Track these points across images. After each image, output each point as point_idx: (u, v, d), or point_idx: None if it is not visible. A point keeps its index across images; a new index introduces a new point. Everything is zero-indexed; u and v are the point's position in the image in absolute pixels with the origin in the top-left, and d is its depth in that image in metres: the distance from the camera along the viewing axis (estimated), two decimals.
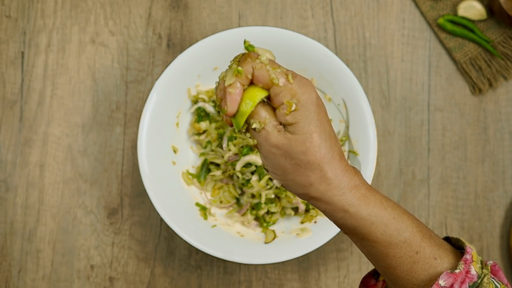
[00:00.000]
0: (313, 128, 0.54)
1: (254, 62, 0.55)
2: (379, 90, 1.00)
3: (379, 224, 0.56)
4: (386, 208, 0.56)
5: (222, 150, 0.95)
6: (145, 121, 0.91)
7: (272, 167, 0.56)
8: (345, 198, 0.55)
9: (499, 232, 0.99)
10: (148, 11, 1.02)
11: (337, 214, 0.56)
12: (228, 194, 0.96)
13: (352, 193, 0.56)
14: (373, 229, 0.56)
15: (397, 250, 0.56)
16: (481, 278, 0.55)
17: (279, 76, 0.54)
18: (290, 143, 0.54)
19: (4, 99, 1.01)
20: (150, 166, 0.91)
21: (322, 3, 1.01)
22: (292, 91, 0.54)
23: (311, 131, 0.54)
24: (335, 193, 0.55)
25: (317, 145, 0.54)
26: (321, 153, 0.54)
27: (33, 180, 0.99)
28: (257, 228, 0.95)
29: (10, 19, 1.02)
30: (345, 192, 0.56)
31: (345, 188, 0.56)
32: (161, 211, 0.90)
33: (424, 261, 0.56)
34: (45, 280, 0.98)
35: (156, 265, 0.98)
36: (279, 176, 0.57)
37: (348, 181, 0.56)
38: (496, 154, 1.00)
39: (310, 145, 0.54)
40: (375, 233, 0.56)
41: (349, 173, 0.56)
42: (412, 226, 0.56)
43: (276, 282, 0.98)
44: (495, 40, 1.01)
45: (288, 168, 0.55)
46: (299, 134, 0.54)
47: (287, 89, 0.54)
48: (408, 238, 0.56)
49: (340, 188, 0.55)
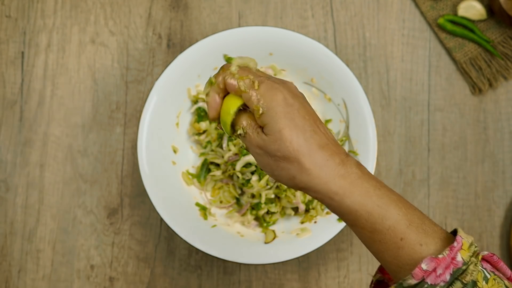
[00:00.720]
0: (281, 126, 0.59)
1: (225, 73, 0.61)
2: (379, 90, 1.00)
3: (362, 212, 0.59)
4: (371, 197, 0.59)
5: (222, 150, 0.95)
6: (145, 121, 0.91)
7: (261, 166, 0.61)
8: (329, 187, 0.59)
9: (499, 232, 0.99)
10: (148, 11, 1.02)
11: (325, 202, 0.60)
12: (228, 194, 0.96)
13: (335, 182, 0.59)
14: (358, 216, 0.59)
15: (382, 236, 0.59)
16: (467, 265, 0.56)
17: (246, 84, 0.60)
18: (266, 143, 0.59)
19: (4, 99, 1.01)
20: (150, 166, 0.91)
21: (322, 3, 1.01)
22: (259, 96, 0.59)
23: (279, 129, 0.59)
24: (318, 182, 0.59)
25: (288, 141, 0.58)
26: (293, 147, 0.59)
27: (33, 180, 1.00)
28: (257, 228, 0.95)
29: (10, 19, 1.02)
30: (329, 181, 0.59)
31: (328, 177, 0.59)
32: (161, 211, 0.89)
33: (409, 247, 0.58)
34: (45, 280, 0.98)
35: (156, 265, 0.98)
36: (268, 173, 0.61)
37: (331, 170, 0.59)
38: (496, 154, 1.00)
39: (280, 142, 0.58)
40: (360, 220, 0.59)
41: (333, 162, 0.59)
42: (398, 214, 0.58)
43: (276, 282, 0.98)
44: (495, 40, 1.01)
45: (272, 164, 0.60)
46: (271, 134, 0.59)
47: (254, 95, 0.60)
48: (392, 225, 0.58)
49: (322, 177, 0.59)
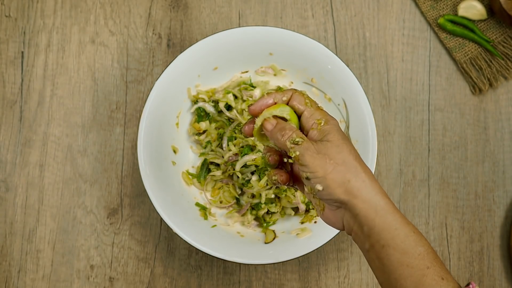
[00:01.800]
0: (342, 137, 0.65)
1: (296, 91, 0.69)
2: (379, 90, 1.00)
3: (401, 232, 0.62)
4: (408, 223, 0.63)
5: (222, 150, 0.95)
6: (145, 121, 0.91)
7: (314, 170, 0.64)
8: (378, 199, 0.63)
9: (499, 232, 0.98)
10: (148, 11, 1.02)
11: (369, 215, 0.63)
12: (228, 194, 0.96)
13: (382, 197, 0.63)
14: (396, 235, 0.62)
15: (412, 259, 0.62)
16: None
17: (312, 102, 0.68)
18: (327, 146, 0.64)
19: (4, 99, 1.01)
20: (150, 166, 0.91)
21: (322, 3, 1.01)
22: (322, 113, 0.67)
23: (342, 138, 0.65)
24: (369, 190, 0.63)
25: (349, 149, 0.64)
26: (354, 155, 0.64)
27: (33, 180, 0.99)
28: (257, 228, 0.95)
29: (10, 19, 1.02)
30: (377, 193, 0.63)
31: (377, 190, 0.63)
32: (161, 211, 0.89)
33: (432, 277, 0.62)
34: (45, 280, 0.98)
35: (156, 265, 0.98)
36: (320, 178, 0.64)
37: (377, 185, 0.64)
38: (496, 154, 1.00)
39: (343, 147, 0.64)
40: (396, 240, 0.62)
41: (376, 181, 0.64)
42: (428, 245, 0.63)
43: (276, 282, 0.98)
44: (495, 40, 1.01)
45: (328, 167, 0.63)
46: (333, 140, 0.64)
47: (318, 111, 0.67)
48: (423, 252, 0.62)
49: (373, 188, 0.63)
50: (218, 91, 0.96)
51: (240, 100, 0.95)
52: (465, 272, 0.98)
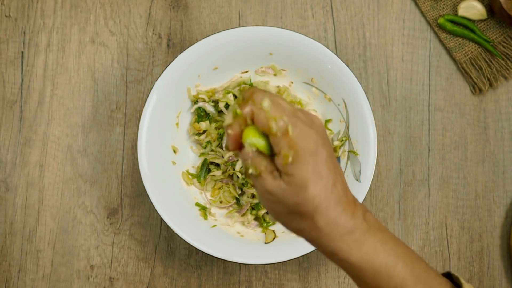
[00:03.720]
0: (308, 180, 0.53)
1: (254, 106, 0.54)
2: (379, 90, 1.00)
3: (369, 269, 0.56)
4: (378, 254, 0.56)
5: (222, 150, 0.95)
6: (145, 121, 0.91)
7: (266, 208, 0.57)
8: (336, 244, 0.55)
9: (500, 232, 0.98)
10: (148, 11, 1.02)
11: (328, 256, 0.57)
12: (228, 194, 0.96)
13: (343, 239, 0.55)
14: (363, 273, 0.56)
15: None
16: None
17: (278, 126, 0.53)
18: (284, 193, 0.54)
19: (4, 99, 1.01)
20: (150, 166, 0.91)
21: (322, 3, 1.01)
22: (291, 143, 0.52)
23: (305, 184, 0.53)
24: (326, 239, 0.55)
25: (310, 198, 0.53)
26: (314, 204, 0.53)
27: (33, 180, 0.99)
28: (257, 228, 0.95)
29: (10, 19, 1.02)
30: (336, 239, 0.55)
31: (337, 235, 0.55)
32: (161, 211, 0.89)
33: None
34: (45, 280, 0.98)
35: (156, 265, 0.98)
36: (274, 218, 0.57)
37: (341, 228, 0.55)
38: (496, 154, 1.00)
39: (302, 197, 0.53)
40: (364, 278, 0.56)
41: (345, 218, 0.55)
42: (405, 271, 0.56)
43: (276, 282, 0.98)
44: (495, 40, 1.01)
45: (281, 212, 0.55)
46: (293, 185, 0.53)
47: (285, 140, 0.52)
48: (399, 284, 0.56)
49: (331, 235, 0.55)
50: (218, 91, 0.96)
51: None
52: (465, 272, 0.98)
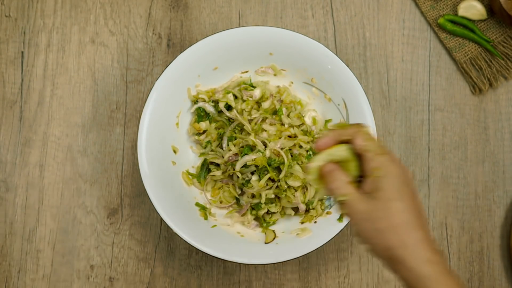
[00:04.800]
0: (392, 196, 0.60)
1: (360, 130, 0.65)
2: (379, 90, 1.00)
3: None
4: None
5: (222, 150, 0.95)
6: (145, 121, 0.91)
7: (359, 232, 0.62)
8: (421, 269, 0.59)
9: (499, 232, 0.98)
10: (148, 11, 1.02)
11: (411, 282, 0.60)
12: (228, 194, 0.96)
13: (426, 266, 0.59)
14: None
15: None
16: None
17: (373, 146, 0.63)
18: (371, 208, 0.61)
19: (4, 99, 1.01)
20: (150, 166, 0.91)
21: (322, 3, 1.01)
22: (382, 161, 0.62)
23: (392, 198, 0.60)
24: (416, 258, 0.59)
25: (396, 212, 0.60)
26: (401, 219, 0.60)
27: (33, 180, 0.99)
28: (257, 228, 0.95)
29: (10, 19, 1.02)
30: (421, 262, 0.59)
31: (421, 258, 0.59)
32: (161, 211, 0.89)
33: None
34: (45, 280, 0.98)
35: (156, 265, 0.98)
36: (364, 240, 0.62)
37: (424, 252, 0.59)
38: (496, 154, 1.00)
39: (389, 211, 0.60)
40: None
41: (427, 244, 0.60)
42: None
43: (276, 282, 0.98)
44: (495, 40, 1.01)
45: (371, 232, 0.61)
46: (380, 200, 0.60)
47: (378, 158, 0.63)
48: None
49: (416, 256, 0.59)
50: (218, 91, 0.96)
51: (240, 100, 0.95)
52: (465, 272, 0.98)
